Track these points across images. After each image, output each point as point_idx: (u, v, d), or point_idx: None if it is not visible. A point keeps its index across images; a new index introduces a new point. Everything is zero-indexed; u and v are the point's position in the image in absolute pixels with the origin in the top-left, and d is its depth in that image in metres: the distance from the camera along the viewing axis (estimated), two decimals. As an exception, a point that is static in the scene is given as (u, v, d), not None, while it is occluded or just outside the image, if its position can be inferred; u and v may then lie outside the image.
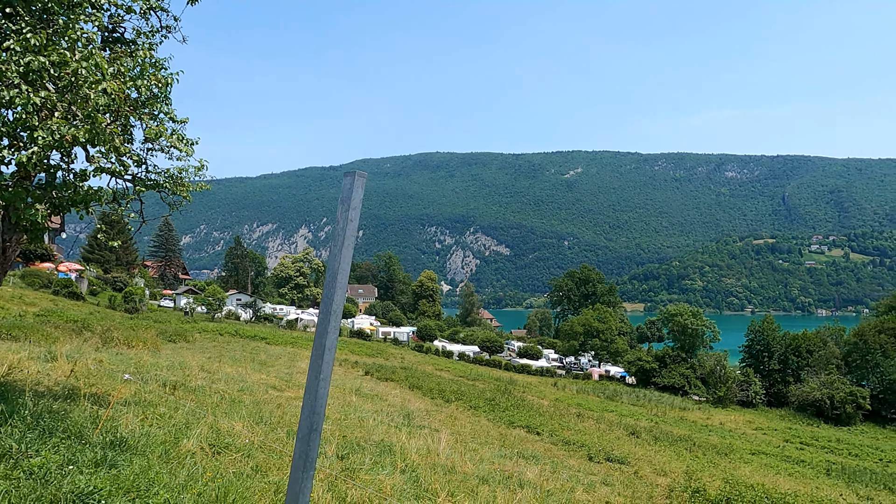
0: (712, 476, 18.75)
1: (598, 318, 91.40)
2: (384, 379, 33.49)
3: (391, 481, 7.98)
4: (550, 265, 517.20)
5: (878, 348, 72.76)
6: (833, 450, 52.14)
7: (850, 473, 39.47)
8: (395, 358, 61.41)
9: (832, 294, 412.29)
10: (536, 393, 51.87)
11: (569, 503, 9.61)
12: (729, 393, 73.40)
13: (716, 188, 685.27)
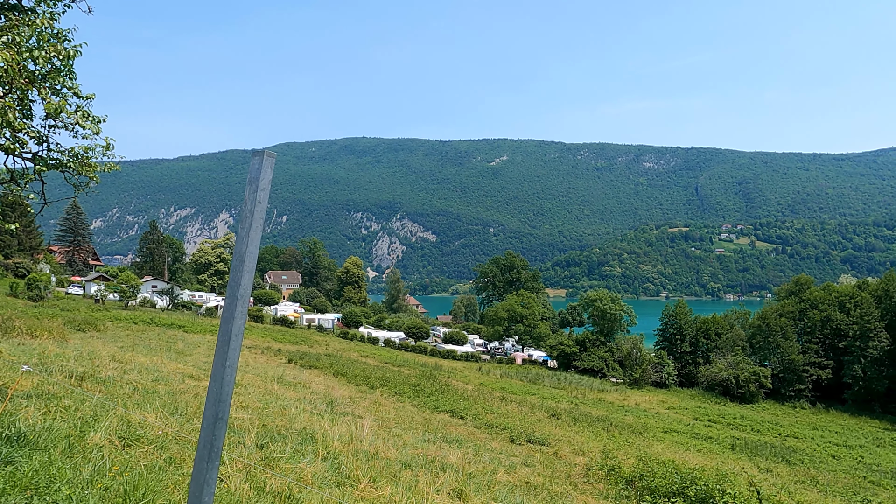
0: (627, 454, 19.50)
1: (521, 303, 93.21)
2: (308, 366, 33.01)
3: (312, 469, 7.87)
4: (476, 252, 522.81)
5: (779, 331, 77.61)
6: (738, 426, 55.43)
7: (752, 448, 42.12)
8: (320, 345, 60.65)
9: (739, 280, 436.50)
10: (461, 378, 52.49)
11: (490, 484, 9.78)
12: (644, 375, 76.59)
13: (634, 178, 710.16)
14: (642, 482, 13.35)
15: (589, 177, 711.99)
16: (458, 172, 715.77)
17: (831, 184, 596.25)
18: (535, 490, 10.99)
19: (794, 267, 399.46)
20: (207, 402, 2.92)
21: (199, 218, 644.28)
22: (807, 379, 75.70)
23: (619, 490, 13.23)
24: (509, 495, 9.25)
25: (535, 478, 12.64)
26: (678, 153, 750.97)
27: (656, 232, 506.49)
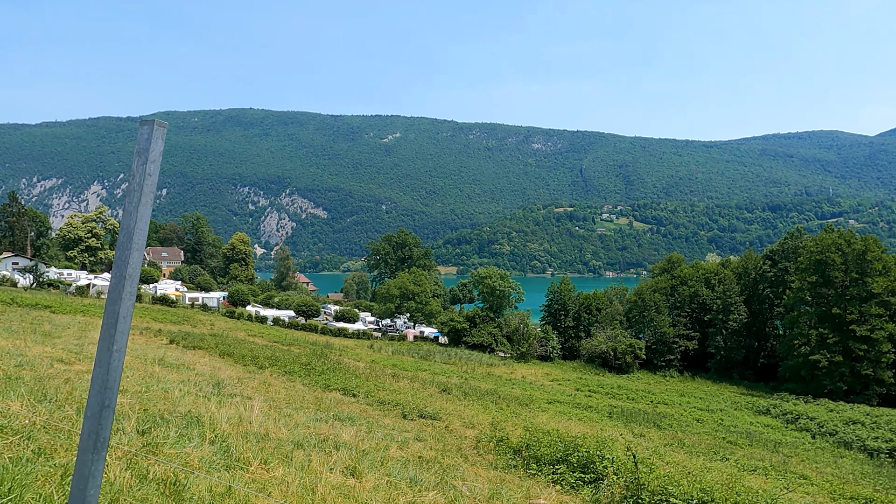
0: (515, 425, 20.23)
1: (413, 281, 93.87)
2: (192, 347, 31.64)
3: (199, 454, 7.59)
4: (368, 229, 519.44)
5: (653, 305, 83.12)
6: (615, 395, 59.03)
7: (628, 415, 45.06)
8: (204, 325, 58.24)
9: (618, 258, 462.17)
10: (353, 356, 52.28)
11: (383, 460, 9.85)
12: (530, 349, 79.68)
13: (524, 158, 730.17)
14: (529, 451, 13.94)
15: (480, 156, 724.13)
16: (350, 148, 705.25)
17: (701, 169, 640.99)
18: (427, 464, 11.20)
19: (667, 246, 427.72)
20: (91, 390, 2.72)
21: (67, 190, 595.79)
22: (676, 350, 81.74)
23: (507, 460, 13.74)
24: (403, 470, 9.37)
25: (428, 452, 12.88)
26: (565, 136, 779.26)
27: (543, 211, 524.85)
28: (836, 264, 71.28)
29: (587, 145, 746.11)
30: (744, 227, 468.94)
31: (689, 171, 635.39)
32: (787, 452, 39.51)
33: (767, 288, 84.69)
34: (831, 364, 67.87)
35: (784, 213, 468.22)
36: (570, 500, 10.69)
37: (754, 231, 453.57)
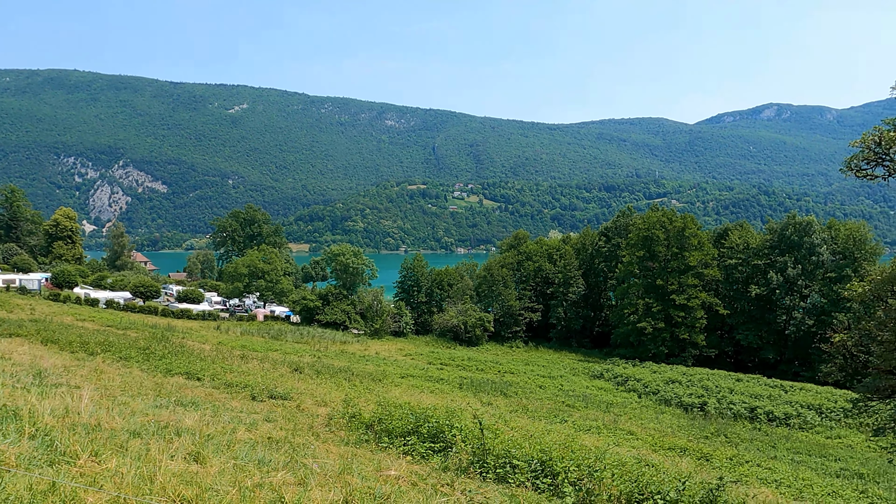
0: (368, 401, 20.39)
1: (263, 258, 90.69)
2: (7, 335, 28.45)
3: (16, 450, 6.90)
4: (214, 204, 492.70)
5: (501, 280, 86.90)
6: (465, 367, 61.25)
7: (477, 385, 46.97)
8: (23, 309, 52.53)
9: (469, 235, 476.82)
10: (198, 338, 49.72)
11: (230, 444, 9.54)
12: (384, 325, 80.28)
13: (377, 135, 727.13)
14: (381, 425, 14.14)
15: (333, 131, 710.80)
16: (192, 118, 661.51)
17: (545, 150, 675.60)
18: (277, 444, 11.00)
19: (514, 223, 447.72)
20: None
21: None
22: (522, 321, 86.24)
23: (359, 435, 13.85)
24: (251, 452, 9.13)
25: (278, 432, 12.64)
26: (418, 113, 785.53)
27: (397, 189, 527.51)
28: (660, 240, 78.56)
29: (440, 124, 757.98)
30: (583, 206, 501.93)
31: (534, 152, 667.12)
32: (618, 412, 43.31)
33: (602, 262, 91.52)
34: (655, 330, 75.04)
35: (618, 193, 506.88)
36: (421, 469, 11.00)
37: (592, 209, 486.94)
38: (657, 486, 12.29)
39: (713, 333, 79.52)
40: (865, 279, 15.88)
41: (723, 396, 53.27)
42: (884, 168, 12.83)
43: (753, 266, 78.71)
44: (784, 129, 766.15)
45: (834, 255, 76.76)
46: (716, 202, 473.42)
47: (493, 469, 11.66)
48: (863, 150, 12.77)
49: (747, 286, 78.14)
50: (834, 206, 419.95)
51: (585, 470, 11.35)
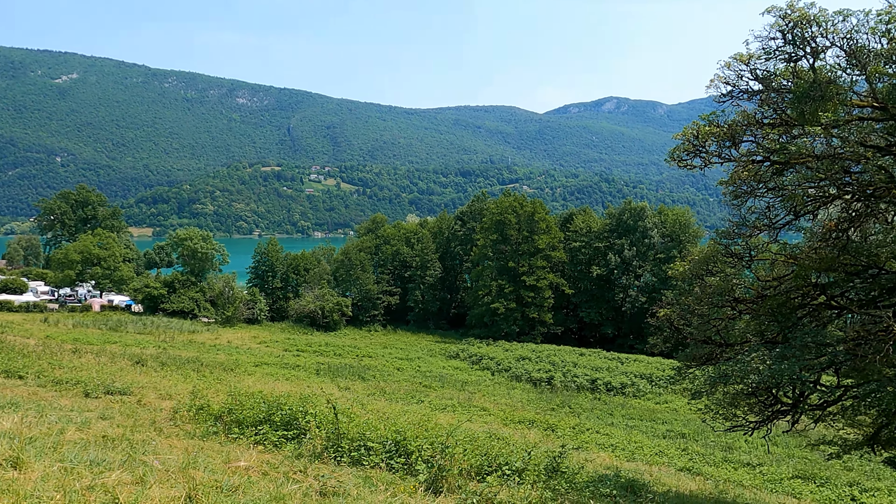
0: (218, 392, 19.56)
1: (99, 244, 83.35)
2: None
3: None
4: (39, 184, 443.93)
5: (359, 264, 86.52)
6: (323, 352, 60.49)
7: (334, 370, 46.59)
8: None
9: (327, 218, 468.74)
10: (21, 332, 44.91)
11: (56, 446, 8.74)
12: (237, 312, 77.14)
13: (227, 113, 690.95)
14: (231, 416, 13.64)
15: (178, 108, 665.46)
16: (10, 87, 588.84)
17: (403, 134, 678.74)
18: (113, 442, 10.24)
19: (372, 207, 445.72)
20: None
21: None
22: (380, 305, 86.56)
23: (207, 427, 13.26)
24: (81, 453, 8.43)
25: (114, 430, 11.78)
26: (272, 92, 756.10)
27: (249, 170, 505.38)
28: (511, 224, 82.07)
29: (295, 104, 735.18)
30: (440, 191, 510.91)
31: (392, 136, 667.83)
32: (472, 390, 44.93)
33: (458, 245, 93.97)
34: (507, 310, 78.54)
35: (473, 178, 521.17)
36: (273, 457, 10.77)
37: (448, 194, 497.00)
38: (505, 457, 12.93)
39: (560, 312, 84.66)
40: (686, 259, 17.63)
41: (568, 370, 57.00)
42: (700, 159, 14.24)
43: (595, 248, 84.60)
44: (623, 122, 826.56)
45: (663, 237, 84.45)
46: (563, 188, 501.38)
47: (348, 452, 11.67)
48: (683, 142, 14.10)
49: (589, 267, 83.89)
50: (664, 194, 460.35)
51: (438, 447, 11.68)
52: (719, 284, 15.61)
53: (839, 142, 12.75)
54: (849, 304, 14.26)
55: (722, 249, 16.18)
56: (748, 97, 13.61)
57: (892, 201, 13.11)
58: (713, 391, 15.43)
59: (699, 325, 16.51)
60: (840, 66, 12.84)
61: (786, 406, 14.90)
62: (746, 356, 14.00)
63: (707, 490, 19.87)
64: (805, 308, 14.97)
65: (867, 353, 12.24)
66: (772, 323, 15.07)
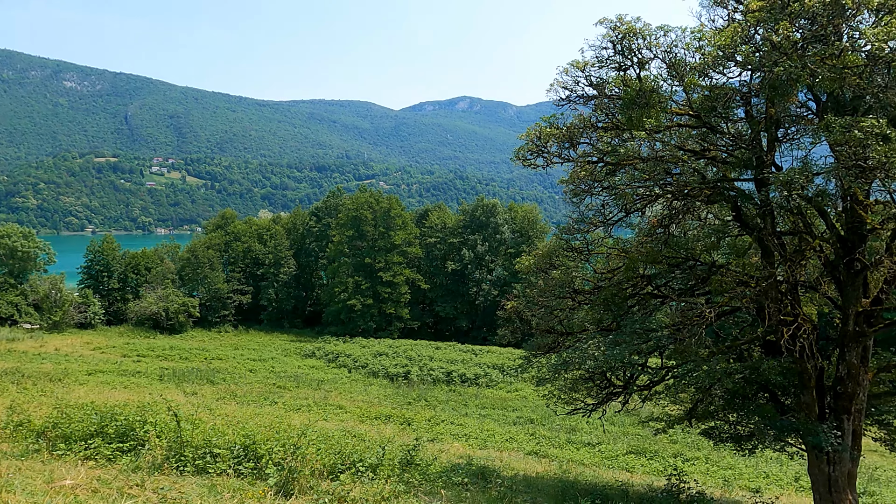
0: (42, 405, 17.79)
1: None
2: None
3: None
4: None
5: (207, 262, 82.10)
6: (167, 357, 56.83)
7: (180, 375, 43.98)
8: None
9: (171, 214, 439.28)
10: None
11: None
12: (66, 317, 70.40)
13: (53, 97, 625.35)
14: (56, 431, 12.43)
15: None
16: None
17: (254, 127, 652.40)
18: None
19: (222, 202, 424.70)
20: None
21: None
22: (231, 305, 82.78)
23: (27, 445, 11.98)
24: None
25: None
26: (106, 76, 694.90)
27: (81, 161, 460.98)
28: (368, 220, 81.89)
29: (133, 90, 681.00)
30: (294, 186, 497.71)
31: (243, 128, 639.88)
32: (329, 388, 44.38)
33: (313, 242, 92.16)
34: (364, 307, 78.32)
35: (329, 174, 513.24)
36: (105, 473, 9.97)
37: (303, 189, 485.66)
38: (360, 454, 12.93)
39: (416, 307, 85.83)
40: (532, 254, 18.59)
41: (424, 364, 57.98)
42: (543, 159, 15.07)
43: (450, 244, 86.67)
44: (475, 121, 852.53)
45: (514, 233, 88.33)
46: (419, 185, 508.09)
47: (192, 461, 11.09)
48: (527, 142, 14.86)
49: (445, 262, 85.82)
50: (515, 191, 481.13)
51: (290, 449, 11.43)
52: (561, 277, 16.63)
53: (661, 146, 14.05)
54: (670, 292, 15.77)
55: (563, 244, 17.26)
56: (584, 102, 14.61)
57: (705, 200, 14.67)
58: (556, 378, 16.42)
59: (543, 316, 17.48)
60: (662, 77, 14.14)
61: (618, 388, 16.22)
62: (584, 344, 15.06)
63: (552, 471, 21.12)
64: (635, 298, 16.35)
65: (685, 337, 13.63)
66: (607, 312, 16.29)
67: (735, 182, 14.83)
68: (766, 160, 13.76)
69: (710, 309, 13.89)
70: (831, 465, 14.49)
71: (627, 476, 22.69)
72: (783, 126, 14.15)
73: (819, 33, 11.51)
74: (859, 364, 14.51)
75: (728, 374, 15.04)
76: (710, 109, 13.47)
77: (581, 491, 15.80)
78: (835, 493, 14.54)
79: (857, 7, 10.76)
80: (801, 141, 14.26)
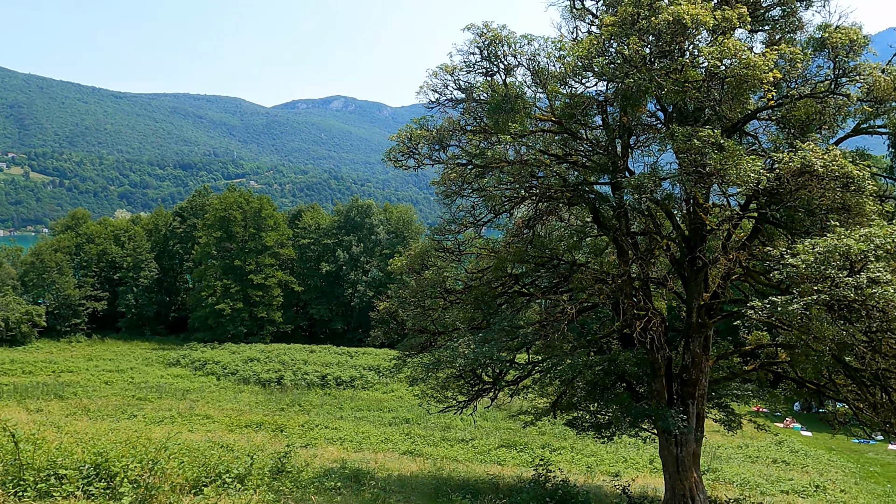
0: None
1: None
2: None
3: None
4: None
5: (55, 266, 75.16)
6: (7, 371, 51.52)
7: (23, 391, 39.97)
8: None
9: (12, 213, 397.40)
10: None
11: None
12: None
13: None
14: None
15: None
16: None
17: (110, 120, 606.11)
18: None
19: (72, 201, 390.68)
20: None
21: None
22: (83, 312, 76.34)
23: None
24: None
25: None
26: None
27: None
28: (237, 221, 78.66)
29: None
30: (156, 184, 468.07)
31: (97, 121, 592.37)
32: (195, 397, 42.18)
33: (178, 244, 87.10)
34: (234, 311, 75.12)
35: (195, 172, 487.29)
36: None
37: (166, 188, 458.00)
38: (227, 465, 12.41)
39: (289, 310, 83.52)
40: (404, 254, 18.71)
41: (298, 368, 56.62)
42: (414, 160, 15.22)
43: (324, 245, 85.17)
44: (350, 121, 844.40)
45: (389, 234, 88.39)
46: (292, 185, 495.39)
47: (34, 485, 10.12)
48: (398, 144, 14.94)
49: (319, 264, 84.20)
50: (390, 192, 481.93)
51: (148, 464, 10.74)
52: (433, 277, 16.88)
53: (526, 150, 14.66)
54: (537, 291, 16.49)
55: (435, 245, 17.52)
56: (454, 105, 14.94)
57: (567, 202, 15.47)
58: (428, 377, 16.64)
59: (416, 316, 17.66)
60: (527, 84, 14.75)
61: (487, 384, 16.72)
62: (455, 342, 15.39)
63: (427, 469, 21.37)
64: (504, 296, 16.93)
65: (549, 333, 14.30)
66: (477, 311, 16.75)
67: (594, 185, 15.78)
68: (620, 165, 14.75)
69: (572, 305, 14.67)
70: (679, 447, 15.79)
71: (499, 469, 23.43)
72: (634, 134, 15.23)
73: (665, 49, 12.49)
74: (702, 353, 15.93)
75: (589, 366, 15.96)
76: (571, 116, 14.23)
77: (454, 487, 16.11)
78: (682, 472, 15.86)
79: (696, 27, 11.78)
80: (650, 148, 15.44)
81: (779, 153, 12.93)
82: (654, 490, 20.19)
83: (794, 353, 14.74)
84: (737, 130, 15.03)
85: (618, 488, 18.97)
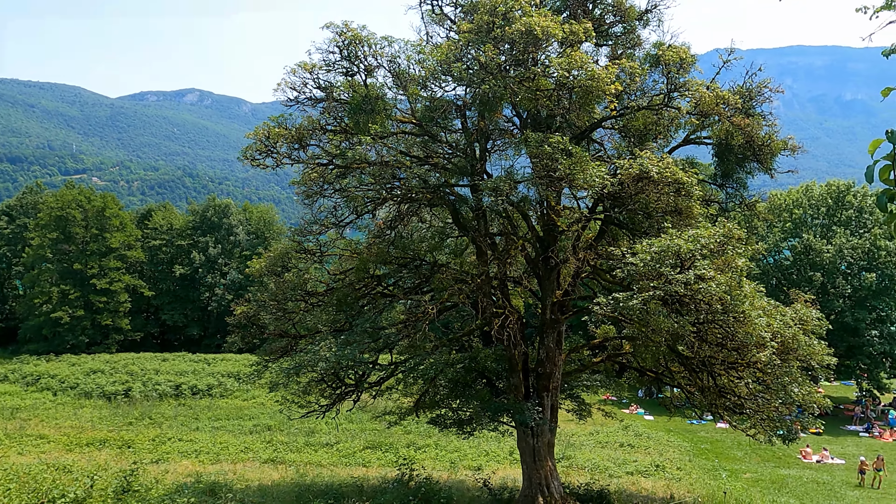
0: None
1: None
2: None
3: None
4: None
5: None
6: None
7: None
8: None
9: None
10: None
11: None
12: None
13: None
14: None
15: None
16: None
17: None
18: None
19: None
20: None
21: None
22: None
23: None
24: None
25: None
26: None
27: None
28: (77, 220, 72.11)
29: None
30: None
31: None
32: (27, 416, 38.23)
33: (5, 246, 78.37)
34: (73, 319, 68.74)
35: (26, 167, 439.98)
36: None
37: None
38: (62, 488, 11.36)
39: (139, 316, 77.84)
40: (264, 256, 18.09)
41: (148, 378, 52.90)
42: (273, 159, 14.75)
43: (178, 246, 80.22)
44: (206, 115, 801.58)
45: (249, 234, 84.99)
46: (141, 182, 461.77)
47: None
48: (256, 142, 14.41)
49: (172, 266, 79.16)
50: (251, 191, 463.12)
51: (-37, 495, 9.57)
52: (293, 279, 16.46)
53: (388, 151, 14.70)
54: (399, 291, 16.59)
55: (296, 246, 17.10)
56: (313, 104, 14.64)
57: (428, 204, 15.71)
58: (289, 382, 16.20)
59: (277, 320, 17.12)
60: (388, 85, 14.80)
61: (350, 387, 16.57)
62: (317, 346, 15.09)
63: (289, 476, 20.79)
64: (367, 298, 16.86)
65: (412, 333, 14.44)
66: (340, 313, 16.54)
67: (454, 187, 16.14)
68: (479, 168, 15.21)
69: (434, 305, 14.91)
70: (535, 438, 16.56)
71: (364, 471, 23.30)
72: (492, 138, 15.77)
73: (519, 58, 13.05)
74: (555, 347, 16.82)
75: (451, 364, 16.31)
76: (431, 119, 14.46)
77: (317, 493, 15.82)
78: (538, 461, 16.64)
79: (546, 38, 12.41)
80: (507, 152, 16.06)
81: (621, 160, 13.96)
82: (514, 480, 21.00)
83: (636, 345, 15.95)
84: (585, 137, 16.03)
85: (479, 482, 19.53)
